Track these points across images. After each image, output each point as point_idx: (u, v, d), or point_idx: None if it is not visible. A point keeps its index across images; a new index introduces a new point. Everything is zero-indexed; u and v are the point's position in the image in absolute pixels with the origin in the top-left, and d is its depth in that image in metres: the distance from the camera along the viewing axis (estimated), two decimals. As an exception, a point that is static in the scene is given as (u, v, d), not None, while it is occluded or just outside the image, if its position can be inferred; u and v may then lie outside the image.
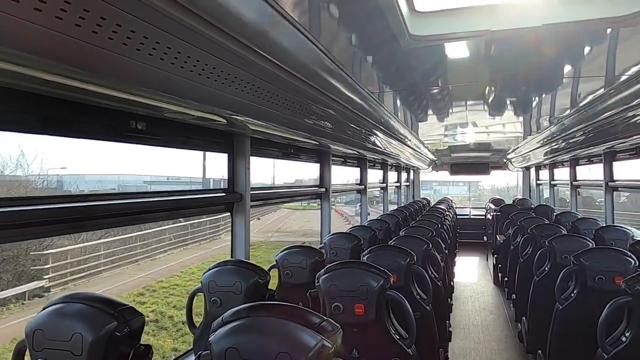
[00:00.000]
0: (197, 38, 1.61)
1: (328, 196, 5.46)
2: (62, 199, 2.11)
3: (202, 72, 1.82)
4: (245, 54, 1.90)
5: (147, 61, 1.54)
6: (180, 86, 1.86)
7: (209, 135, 3.12)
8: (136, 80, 1.68)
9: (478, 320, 6.65)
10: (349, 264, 2.52)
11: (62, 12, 1.18)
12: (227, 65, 1.91)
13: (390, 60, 2.68)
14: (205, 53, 1.74)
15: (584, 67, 3.04)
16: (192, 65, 1.73)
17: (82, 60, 1.40)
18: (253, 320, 1.40)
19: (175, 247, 19.51)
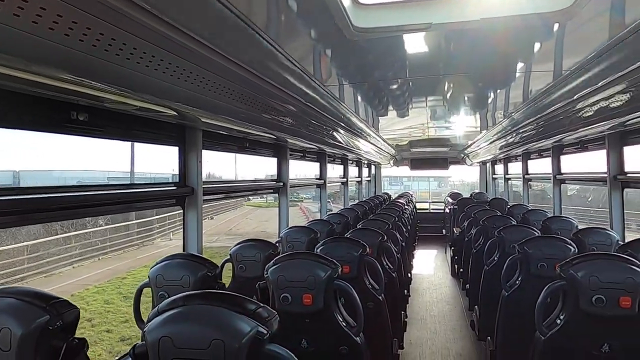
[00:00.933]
0: (142, 30, 1.58)
1: (286, 191, 5.46)
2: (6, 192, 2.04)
3: (150, 64, 1.79)
4: (194, 47, 1.88)
5: (90, 52, 1.50)
6: (125, 77, 1.81)
7: (159, 127, 3.06)
8: (78, 70, 1.64)
9: (435, 310, 6.81)
10: (297, 255, 2.54)
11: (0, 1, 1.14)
12: (176, 58, 1.88)
13: (339, 54, 2.70)
14: (152, 45, 1.70)
15: (531, 62, 3.14)
16: (139, 57, 1.70)
17: (19, 48, 1.35)
18: (188, 308, 1.39)
19: (85, 257, 16.06)
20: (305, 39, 2.43)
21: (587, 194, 19.84)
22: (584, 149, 5.64)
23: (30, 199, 2.13)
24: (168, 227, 21.17)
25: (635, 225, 11.79)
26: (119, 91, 1.98)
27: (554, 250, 3.27)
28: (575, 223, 4.89)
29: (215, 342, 1.29)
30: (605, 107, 3.33)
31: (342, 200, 11.03)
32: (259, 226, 22.80)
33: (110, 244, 17.61)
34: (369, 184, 12.95)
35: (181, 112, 2.69)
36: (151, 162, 4.42)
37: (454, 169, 13.57)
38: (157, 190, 3.16)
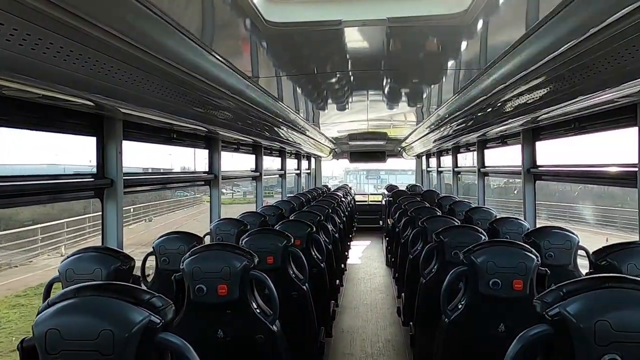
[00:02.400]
0: (48, 20, 1.53)
1: (218, 183, 5.41)
2: None
3: (58, 54, 1.72)
4: (108, 40, 1.84)
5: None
6: (31, 67, 1.73)
7: (74, 117, 2.94)
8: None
9: (368, 299, 7.01)
10: (213, 246, 2.55)
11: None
12: (89, 50, 1.83)
13: (260, 48, 2.71)
14: (61, 37, 1.64)
15: (457, 59, 3.26)
16: (45, 47, 1.64)
17: None
18: (79, 300, 1.37)
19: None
20: (225, 34, 2.42)
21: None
22: (504, 144, 6.00)
23: None
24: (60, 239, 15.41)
25: (545, 214, 12.70)
26: (24, 81, 1.89)
27: (467, 239, 3.47)
28: (494, 213, 5.20)
29: (103, 333, 1.29)
30: (519, 104, 3.56)
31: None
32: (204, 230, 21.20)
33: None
34: (309, 177, 13.06)
35: (98, 102, 2.61)
36: (73, 154, 4.21)
37: (393, 162, 13.97)
38: (72, 182, 3.04)
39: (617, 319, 1.28)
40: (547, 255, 3.28)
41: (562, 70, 2.45)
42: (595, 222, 17.36)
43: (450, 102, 4.79)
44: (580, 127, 3.90)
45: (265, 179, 7.70)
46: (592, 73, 2.26)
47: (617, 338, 1.27)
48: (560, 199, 19.15)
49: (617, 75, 2.19)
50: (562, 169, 4.67)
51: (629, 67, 2.03)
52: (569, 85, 2.62)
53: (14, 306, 10.55)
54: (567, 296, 1.39)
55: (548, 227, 3.54)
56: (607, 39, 1.89)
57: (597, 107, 3.14)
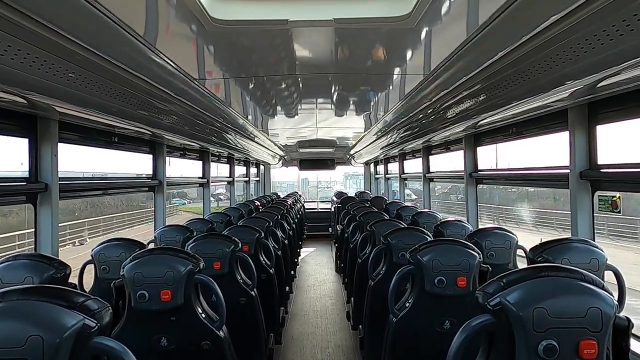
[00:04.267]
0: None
1: (162, 189, 5.24)
2: None
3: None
4: (43, 33, 1.74)
5: None
6: None
7: (5, 116, 2.76)
8: None
9: (318, 306, 7.00)
10: (155, 250, 2.46)
11: None
12: (23, 43, 1.73)
13: (206, 48, 2.65)
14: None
15: (401, 64, 3.33)
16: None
17: None
18: (5, 304, 1.27)
19: None
20: (169, 32, 2.35)
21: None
22: (448, 150, 6.22)
23: None
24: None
25: (485, 217, 13.26)
26: None
27: (414, 240, 3.54)
28: (439, 217, 5.36)
29: (32, 338, 1.20)
30: (461, 109, 3.70)
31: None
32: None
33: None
34: (258, 184, 12.95)
35: (30, 100, 2.46)
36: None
37: (341, 169, 14.11)
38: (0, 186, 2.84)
39: (553, 305, 1.33)
40: (489, 255, 3.41)
41: (499, 76, 2.57)
42: (533, 222, 18.33)
43: (396, 109, 4.90)
44: (517, 132, 4.11)
45: (212, 185, 7.55)
46: (527, 78, 2.39)
47: (553, 324, 1.32)
48: (501, 203, 20.11)
49: (548, 81, 2.33)
50: (501, 172, 4.89)
51: (559, 72, 2.16)
52: (505, 91, 2.76)
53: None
54: (507, 286, 1.44)
55: (489, 228, 3.69)
56: (538, 45, 2.00)
57: (532, 112, 3.32)
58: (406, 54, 2.92)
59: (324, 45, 2.72)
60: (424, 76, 3.28)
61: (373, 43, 2.75)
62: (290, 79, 3.47)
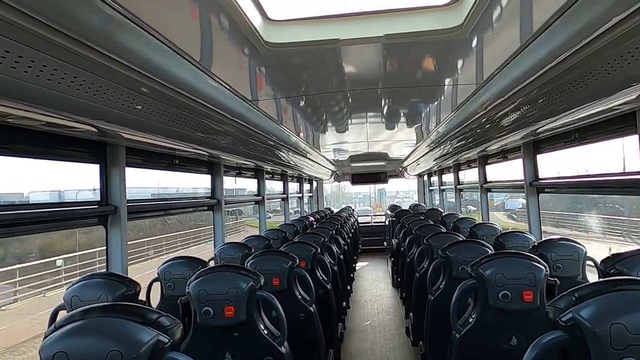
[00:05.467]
0: (47, 45, 1.55)
1: (221, 208, 5.42)
2: None
3: (62, 80, 1.75)
4: (110, 65, 1.86)
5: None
6: (30, 92, 1.76)
7: (77, 144, 2.98)
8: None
9: (376, 321, 6.92)
10: (218, 268, 2.53)
11: None
12: (90, 74, 1.86)
13: (259, 70, 2.75)
14: (60, 61, 1.66)
15: (453, 75, 3.30)
16: (50, 73, 1.67)
17: None
18: (86, 322, 1.36)
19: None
20: (226, 57, 2.46)
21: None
22: (505, 159, 6.01)
23: None
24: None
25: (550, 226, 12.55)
26: (30, 108, 1.92)
27: (473, 253, 3.45)
28: (499, 228, 5.18)
29: (112, 354, 1.28)
30: (518, 117, 3.58)
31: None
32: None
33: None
34: (311, 200, 13.06)
35: (101, 129, 2.64)
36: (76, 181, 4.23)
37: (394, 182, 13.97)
38: (77, 210, 3.05)
39: (632, 321, 1.25)
40: (555, 267, 3.25)
41: (559, 82, 2.47)
42: (600, 230, 17.22)
43: (449, 119, 4.82)
44: (580, 137, 3.92)
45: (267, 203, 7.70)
46: (589, 82, 2.29)
47: (633, 341, 1.24)
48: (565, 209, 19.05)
49: (613, 83, 2.21)
50: (565, 180, 4.66)
51: (624, 74, 2.06)
52: (565, 96, 2.65)
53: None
54: (580, 300, 1.38)
55: (554, 239, 3.52)
56: (600, 47, 1.92)
57: (596, 116, 3.16)
58: (458, 64, 2.89)
59: (374, 61, 2.75)
60: (476, 85, 3.23)
61: (424, 55, 2.75)
62: (340, 95, 3.53)
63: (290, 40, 2.21)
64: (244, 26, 2.02)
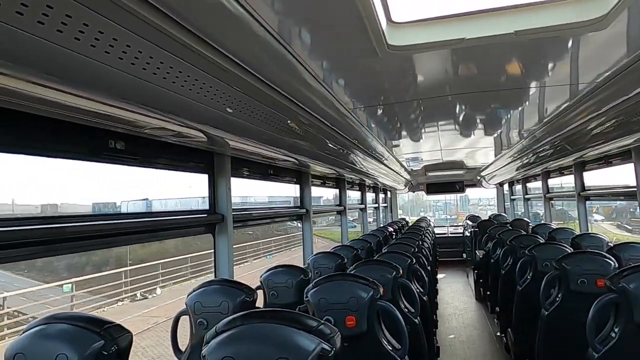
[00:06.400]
0: (180, 49, 1.60)
1: (309, 217, 5.44)
2: (34, 221, 2.02)
3: (185, 83, 1.79)
4: (226, 65, 1.88)
5: (128, 70, 1.51)
6: (159, 97, 1.82)
7: (189, 155, 3.09)
8: (116, 91, 1.65)
9: (463, 336, 6.63)
10: (336, 276, 2.49)
11: (44, 16, 1.16)
12: (207, 75, 1.88)
13: (367, 73, 2.70)
14: (187, 64, 1.70)
15: (550, 78, 3.12)
16: (174, 76, 1.71)
17: (63, 67, 1.37)
18: (248, 327, 1.35)
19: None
20: (336, 59, 2.41)
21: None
22: (609, 164, 5.57)
23: (59, 228, 2.11)
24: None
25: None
26: (155, 114, 1.98)
27: (594, 265, 3.20)
28: (606, 239, 4.79)
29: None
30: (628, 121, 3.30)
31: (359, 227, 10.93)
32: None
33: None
34: (385, 210, 12.87)
35: (210, 135, 2.70)
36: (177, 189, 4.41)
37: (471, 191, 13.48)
38: (187, 218, 3.16)
39: None
40: None
41: None
42: None
43: (540, 126, 4.56)
44: None
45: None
46: None
47: None
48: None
49: None
50: None
51: None
52: None
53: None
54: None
55: None
56: None
57: None
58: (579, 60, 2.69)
59: (500, 60, 2.61)
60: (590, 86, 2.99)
61: (552, 52, 2.57)
62: (450, 98, 3.40)
63: (414, 42, 2.14)
64: (369, 29, 1.98)
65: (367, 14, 1.86)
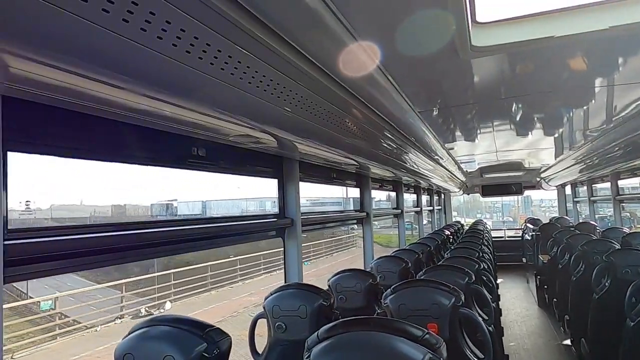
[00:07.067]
0: (264, 51, 1.59)
1: (369, 220, 5.41)
2: (110, 228, 2.07)
3: (261, 84, 1.78)
4: (300, 64, 1.87)
5: (217, 75, 1.53)
6: (243, 103, 1.84)
7: (260, 160, 3.15)
8: (204, 97, 1.68)
9: (528, 344, 6.37)
10: (415, 282, 2.45)
11: (147, 23, 1.17)
12: (281, 75, 1.87)
13: (441, 74, 2.65)
14: (267, 65, 1.68)
15: (623, 75, 2.94)
16: (259, 80, 1.71)
17: (157, 75, 1.40)
18: (352, 335, 1.34)
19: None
20: (413, 59, 2.34)
21: None
22: None
23: (136, 235, 2.15)
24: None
25: None
26: (231, 119, 2.01)
27: None
28: None
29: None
30: None
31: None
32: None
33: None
34: (440, 213, 12.62)
35: (280, 139, 2.72)
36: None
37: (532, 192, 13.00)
38: (259, 223, 3.21)
39: None
40: None
41: None
42: None
43: (610, 126, 4.30)
44: None
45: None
46: None
47: None
48: None
49: None
50: None
51: None
52: None
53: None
54: None
55: None
56: None
57: None
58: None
59: (592, 56, 2.48)
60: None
61: (607, 54, 2.44)
62: (530, 98, 3.27)
63: (499, 42, 2.08)
64: (455, 30, 1.94)
65: (454, 15, 1.83)
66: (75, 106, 1.61)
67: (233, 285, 18.35)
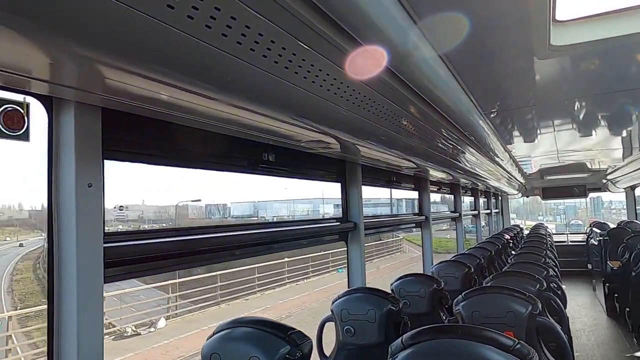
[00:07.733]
0: (334, 52, 1.55)
1: (428, 224, 5.33)
2: (169, 233, 2.05)
3: (324, 83, 1.74)
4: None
5: (291, 79, 1.52)
6: (315, 108, 1.85)
7: (324, 164, 3.18)
8: (279, 101, 1.68)
9: (597, 355, 6.04)
10: (488, 288, 2.39)
11: (227, 28, 1.16)
12: (343, 72, 1.83)
13: (513, 73, 2.57)
14: (335, 65, 1.66)
15: None
16: (330, 83, 1.70)
17: (236, 80, 1.41)
18: (439, 342, 1.33)
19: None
20: (486, 58, 2.27)
21: None
22: None
23: (195, 240, 2.12)
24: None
25: None
26: (304, 124, 2.02)
27: None
28: None
29: None
30: None
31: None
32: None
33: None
34: (497, 216, 12.21)
35: (343, 142, 2.70)
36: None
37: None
38: (323, 227, 3.24)
39: None
40: None
41: None
42: None
43: None
44: None
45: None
46: None
47: None
48: None
49: None
50: None
51: None
52: None
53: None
54: None
55: None
56: None
57: None
58: None
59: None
60: None
61: None
62: (610, 97, 3.11)
63: (579, 41, 1.99)
64: (533, 29, 1.88)
65: (535, 13, 1.77)
66: (160, 115, 1.69)
67: (282, 286, 18.63)
